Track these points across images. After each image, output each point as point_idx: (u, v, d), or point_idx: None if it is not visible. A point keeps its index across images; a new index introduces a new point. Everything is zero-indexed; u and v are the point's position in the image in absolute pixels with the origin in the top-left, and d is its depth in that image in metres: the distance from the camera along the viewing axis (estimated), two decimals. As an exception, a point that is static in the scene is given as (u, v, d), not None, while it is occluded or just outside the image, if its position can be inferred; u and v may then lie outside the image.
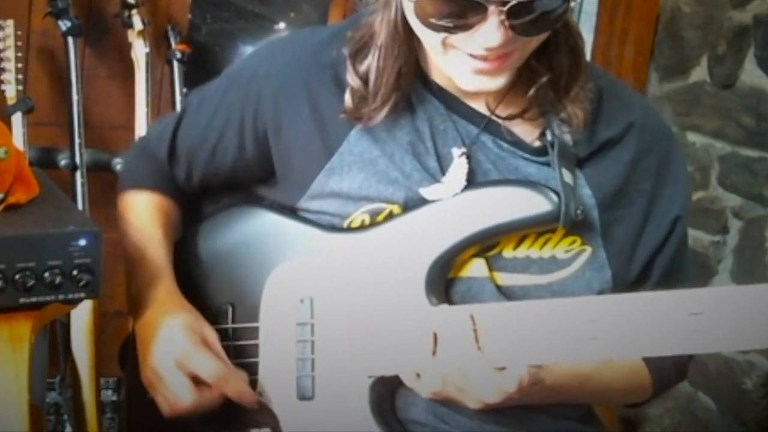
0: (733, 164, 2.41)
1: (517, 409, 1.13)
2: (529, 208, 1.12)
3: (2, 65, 2.13)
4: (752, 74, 2.35)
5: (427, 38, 1.08)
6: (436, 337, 1.06)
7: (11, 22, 2.13)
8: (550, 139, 1.15)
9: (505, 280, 1.15)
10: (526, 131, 1.18)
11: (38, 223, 1.11)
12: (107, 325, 2.21)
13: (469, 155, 1.16)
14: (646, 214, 1.21)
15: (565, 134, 1.16)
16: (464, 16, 1.01)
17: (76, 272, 1.08)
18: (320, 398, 1.18)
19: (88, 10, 2.33)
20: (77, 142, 2.19)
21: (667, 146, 1.24)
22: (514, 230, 1.14)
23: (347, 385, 1.16)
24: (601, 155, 1.19)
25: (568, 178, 1.13)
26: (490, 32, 1.01)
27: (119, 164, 2.29)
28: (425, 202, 1.15)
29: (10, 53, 2.12)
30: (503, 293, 1.15)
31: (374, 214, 1.17)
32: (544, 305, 1.05)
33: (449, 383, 1.06)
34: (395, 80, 1.14)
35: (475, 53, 1.05)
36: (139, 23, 2.26)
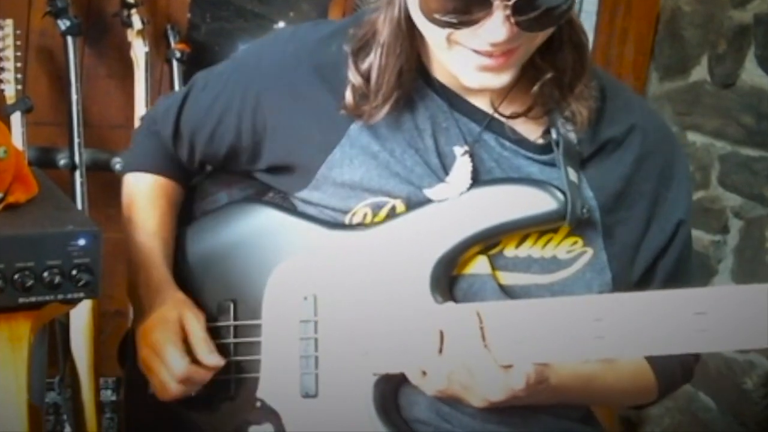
0: (733, 164, 2.41)
1: (519, 408, 1.13)
2: (534, 206, 1.12)
3: (1, 65, 2.13)
4: (753, 73, 2.35)
5: (431, 35, 1.08)
6: (442, 334, 1.06)
7: (10, 21, 2.13)
8: (555, 137, 1.15)
9: (506, 278, 1.15)
10: (529, 129, 1.18)
11: (37, 222, 1.11)
12: (106, 324, 2.20)
13: (471, 153, 1.16)
14: (648, 216, 1.21)
15: (569, 132, 1.15)
16: (469, 11, 1.01)
17: (75, 272, 1.08)
18: (324, 396, 1.18)
19: (87, 9, 2.33)
20: (76, 141, 2.19)
21: (670, 149, 1.24)
22: (519, 228, 1.13)
23: (351, 382, 1.16)
24: (603, 157, 1.19)
25: (573, 176, 1.13)
26: (495, 27, 1.01)
27: (119, 163, 2.29)
28: (429, 199, 1.15)
29: (9, 53, 2.12)
30: (505, 291, 1.15)
31: (376, 208, 1.17)
32: (549, 303, 1.05)
33: (454, 381, 1.06)
34: (397, 78, 1.14)
35: (480, 49, 1.05)
36: (138, 22, 2.26)
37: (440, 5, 1.03)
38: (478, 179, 1.15)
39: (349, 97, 1.16)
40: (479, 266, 1.15)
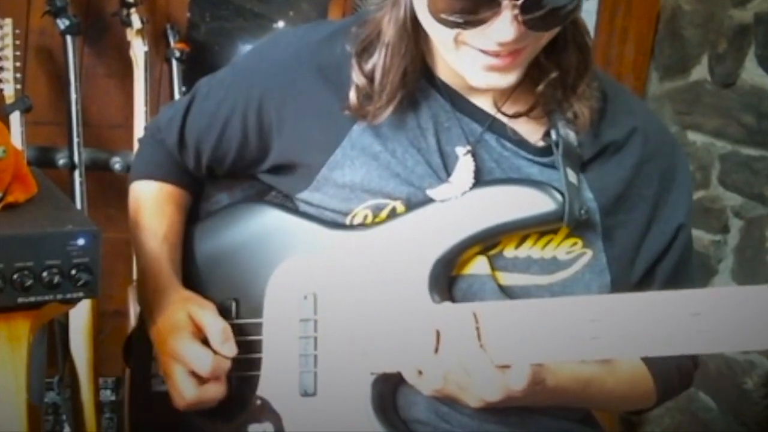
0: (733, 163, 2.41)
1: (518, 409, 1.13)
2: (533, 207, 1.12)
3: (0, 64, 2.13)
4: (753, 73, 2.34)
5: (438, 35, 1.08)
6: (438, 334, 1.06)
7: (9, 20, 2.13)
8: (554, 138, 1.15)
9: (505, 279, 1.15)
10: (530, 130, 1.18)
11: (36, 222, 1.11)
12: (106, 324, 2.21)
13: (474, 153, 1.16)
14: (649, 219, 1.21)
15: (570, 134, 1.16)
16: (477, 11, 1.01)
17: (74, 272, 1.08)
18: (322, 394, 1.18)
19: (86, 8, 2.33)
20: (76, 141, 2.19)
21: (670, 152, 1.24)
22: (518, 229, 1.13)
23: (349, 382, 1.16)
24: (603, 159, 1.19)
25: (572, 177, 1.13)
26: (503, 27, 1.01)
27: (118, 163, 2.29)
28: (429, 199, 1.15)
29: (8, 52, 2.12)
30: (504, 292, 1.14)
31: (376, 210, 1.17)
32: (546, 304, 1.05)
33: (451, 381, 1.06)
34: (401, 78, 1.14)
35: (487, 49, 1.05)
36: (137, 22, 2.25)
37: (448, 5, 1.03)
38: (478, 179, 1.15)
39: (353, 97, 1.16)
40: (479, 267, 1.15)
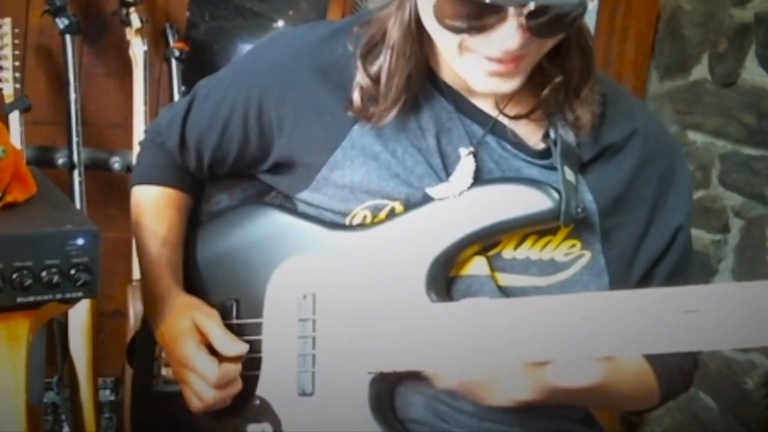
0: (734, 163, 2.41)
1: (517, 408, 1.12)
2: (530, 205, 1.11)
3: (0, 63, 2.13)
4: (753, 72, 2.34)
5: (443, 40, 1.08)
6: (436, 333, 1.06)
7: (8, 20, 2.13)
8: (553, 137, 1.15)
9: (504, 280, 1.15)
10: (529, 132, 1.18)
11: (36, 222, 1.11)
12: (105, 324, 2.21)
13: (475, 154, 1.16)
14: (648, 221, 1.21)
15: (568, 134, 1.16)
16: (483, 17, 1.01)
17: (73, 271, 1.08)
18: (320, 394, 1.18)
19: (85, 7, 2.33)
20: (75, 140, 2.19)
21: (670, 154, 1.24)
22: (515, 228, 1.13)
23: (347, 381, 1.16)
24: (603, 161, 1.19)
25: (570, 176, 1.13)
26: (508, 34, 1.01)
27: (117, 163, 2.29)
28: (427, 199, 1.15)
29: (7, 51, 2.12)
30: (503, 292, 1.14)
31: (376, 210, 1.17)
32: (539, 302, 1.04)
33: (472, 379, 1.06)
34: (406, 81, 1.14)
35: (492, 56, 1.04)
36: (137, 21, 2.25)
37: (454, 11, 1.02)
38: (478, 179, 1.15)
39: (357, 99, 1.16)
40: (477, 267, 1.15)
